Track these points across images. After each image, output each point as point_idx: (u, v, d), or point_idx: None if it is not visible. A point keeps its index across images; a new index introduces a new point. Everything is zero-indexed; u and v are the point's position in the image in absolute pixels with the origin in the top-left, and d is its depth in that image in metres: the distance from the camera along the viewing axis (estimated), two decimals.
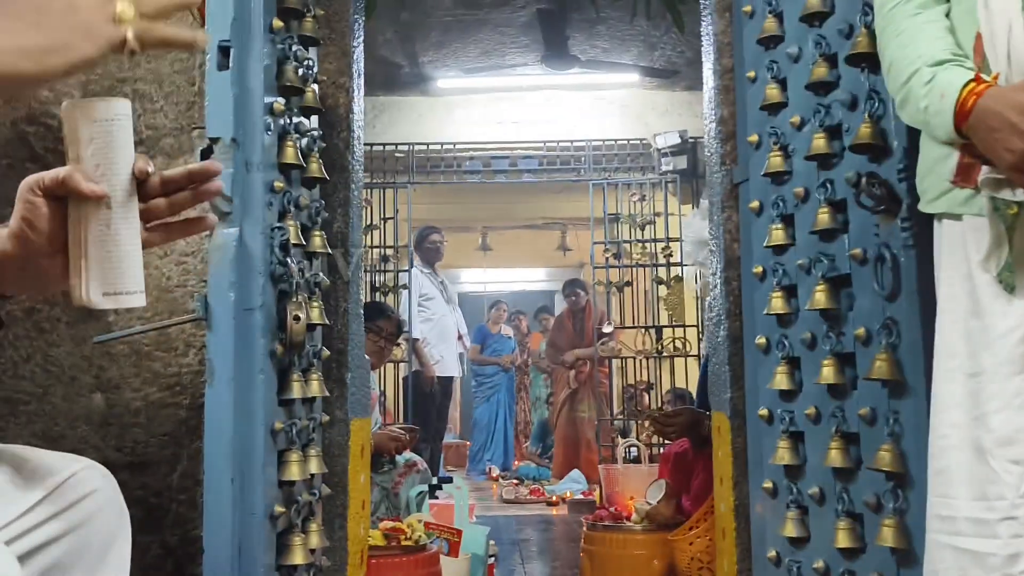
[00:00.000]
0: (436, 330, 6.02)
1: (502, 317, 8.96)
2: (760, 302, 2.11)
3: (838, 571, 1.83)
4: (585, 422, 7.00)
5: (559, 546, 4.55)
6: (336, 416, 2.23)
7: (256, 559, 1.70)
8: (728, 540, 2.28)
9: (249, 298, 1.75)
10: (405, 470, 3.31)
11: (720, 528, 2.36)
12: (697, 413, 3.00)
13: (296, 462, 1.85)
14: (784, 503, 1.99)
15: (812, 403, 1.92)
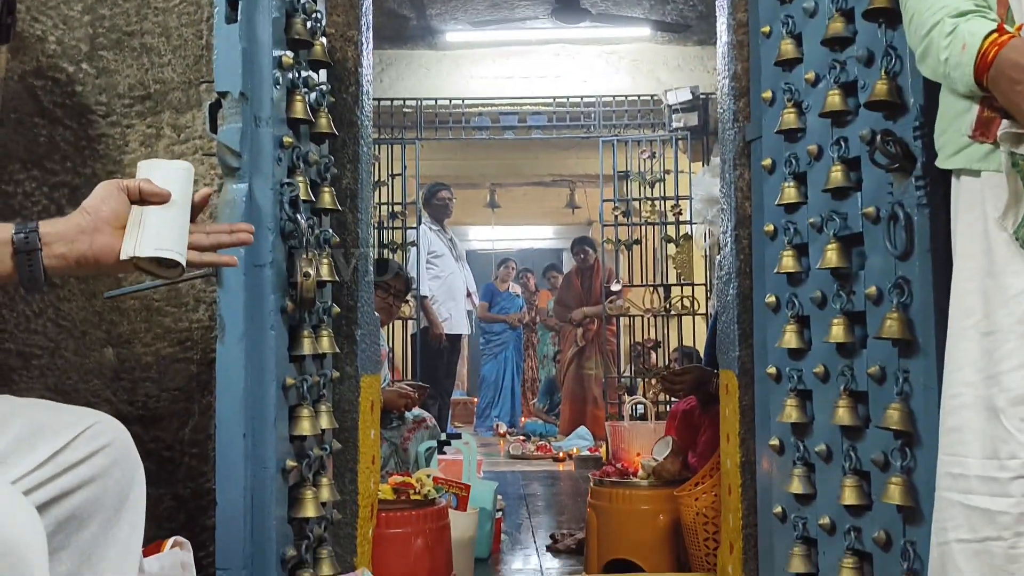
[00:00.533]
0: (445, 287, 6.02)
1: (510, 275, 8.97)
2: (771, 260, 2.10)
3: (844, 528, 1.85)
4: (592, 379, 7.04)
5: (565, 501, 4.61)
6: (346, 372, 2.24)
7: (268, 511, 1.73)
8: (734, 496, 2.30)
9: (259, 254, 1.75)
10: (414, 426, 3.34)
11: (726, 484, 2.39)
12: (704, 371, 3.01)
13: (307, 417, 1.86)
14: (790, 460, 2.00)
15: (821, 361, 1.93)
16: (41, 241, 1.13)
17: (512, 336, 8.70)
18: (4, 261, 1.11)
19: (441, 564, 2.59)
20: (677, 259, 5.50)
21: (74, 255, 1.15)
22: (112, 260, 1.18)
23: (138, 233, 1.18)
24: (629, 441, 3.65)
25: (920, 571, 1.65)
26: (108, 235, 1.17)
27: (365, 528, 2.30)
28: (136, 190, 1.20)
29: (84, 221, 1.16)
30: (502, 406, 8.48)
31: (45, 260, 1.12)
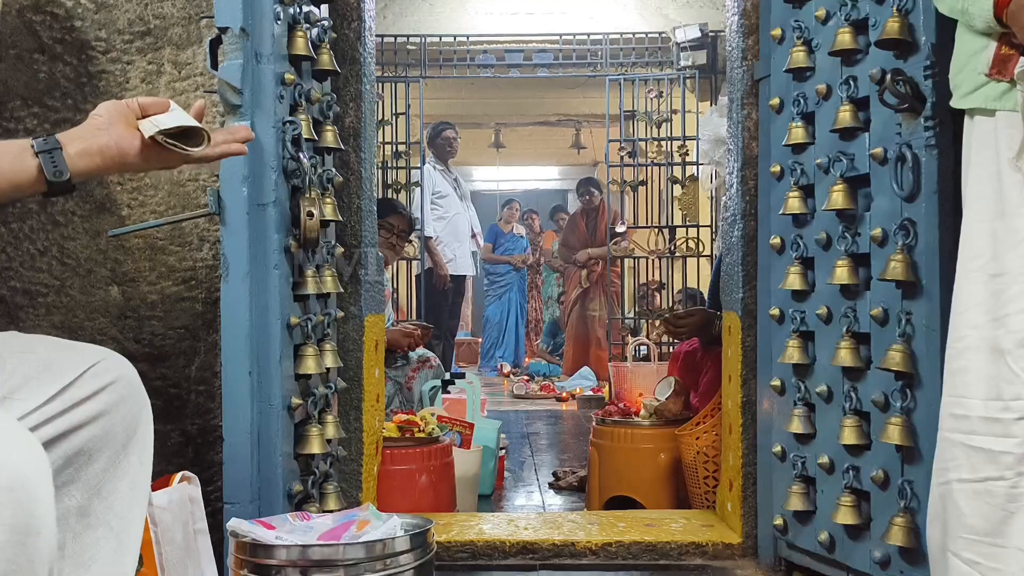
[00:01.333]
0: (449, 228, 6.01)
1: (514, 216, 8.94)
2: (776, 202, 2.09)
3: (842, 467, 1.87)
4: (596, 321, 7.07)
5: (568, 440, 4.67)
6: (350, 312, 2.26)
7: (274, 448, 1.75)
8: (734, 436, 2.33)
9: (262, 193, 1.74)
10: (418, 365, 3.37)
11: (727, 424, 2.41)
12: (708, 314, 3.02)
13: (312, 356, 1.88)
14: (791, 401, 2.02)
15: (824, 303, 1.93)
16: (59, 142, 1.16)
17: (516, 277, 8.72)
18: (28, 167, 1.14)
19: (445, 500, 2.64)
20: (683, 200, 5.47)
21: (97, 146, 1.19)
22: (135, 149, 1.22)
23: (154, 119, 1.24)
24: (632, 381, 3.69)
25: (917, 509, 1.68)
26: (124, 127, 1.22)
27: (370, 465, 2.34)
28: (136, 104, 1.25)
29: (98, 120, 1.21)
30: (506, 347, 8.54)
31: (67, 158, 1.16)
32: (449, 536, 2.30)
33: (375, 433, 2.40)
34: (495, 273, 8.71)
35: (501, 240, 8.74)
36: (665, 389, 3.01)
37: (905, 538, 1.69)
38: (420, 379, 3.33)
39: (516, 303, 8.68)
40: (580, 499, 3.31)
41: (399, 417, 2.67)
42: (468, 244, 6.22)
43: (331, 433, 1.97)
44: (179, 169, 1.98)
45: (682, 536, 2.32)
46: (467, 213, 6.21)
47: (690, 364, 3.16)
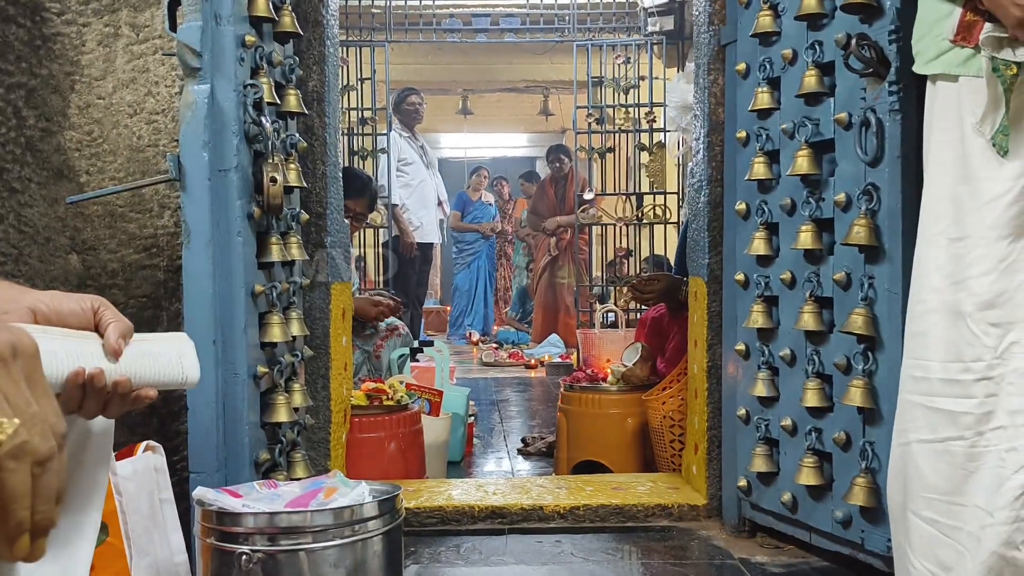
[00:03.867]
0: (416, 196, 5.97)
1: (483, 183, 8.90)
2: (742, 168, 2.10)
3: (805, 429, 1.90)
4: (564, 288, 7.09)
5: (537, 406, 4.70)
6: (317, 280, 2.24)
7: (240, 416, 1.74)
8: (700, 400, 2.36)
9: (223, 159, 1.72)
10: (387, 334, 3.35)
11: (692, 389, 2.44)
12: (674, 279, 3.04)
13: (277, 324, 1.86)
14: (755, 364, 2.05)
15: (788, 268, 1.95)
16: None
17: (485, 246, 8.69)
18: None
19: (414, 467, 2.65)
20: (650, 167, 5.47)
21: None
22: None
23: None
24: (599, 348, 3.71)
25: (878, 470, 1.71)
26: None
27: (338, 433, 2.34)
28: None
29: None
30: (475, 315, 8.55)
31: None
32: (418, 502, 2.31)
33: (343, 401, 2.39)
34: (463, 241, 8.69)
35: (469, 208, 8.70)
36: (632, 355, 3.03)
37: (866, 498, 1.72)
38: (388, 347, 3.32)
39: (485, 271, 8.67)
40: (549, 464, 3.34)
41: (367, 385, 2.67)
42: (435, 211, 6.18)
43: (298, 401, 1.96)
44: (138, 134, 1.94)
45: (648, 499, 2.35)
46: (434, 180, 6.17)
47: (657, 330, 3.18)
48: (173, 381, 1.04)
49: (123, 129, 1.94)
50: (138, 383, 0.99)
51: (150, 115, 1.94)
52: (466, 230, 8.62)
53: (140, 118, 1.94)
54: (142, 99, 1.94)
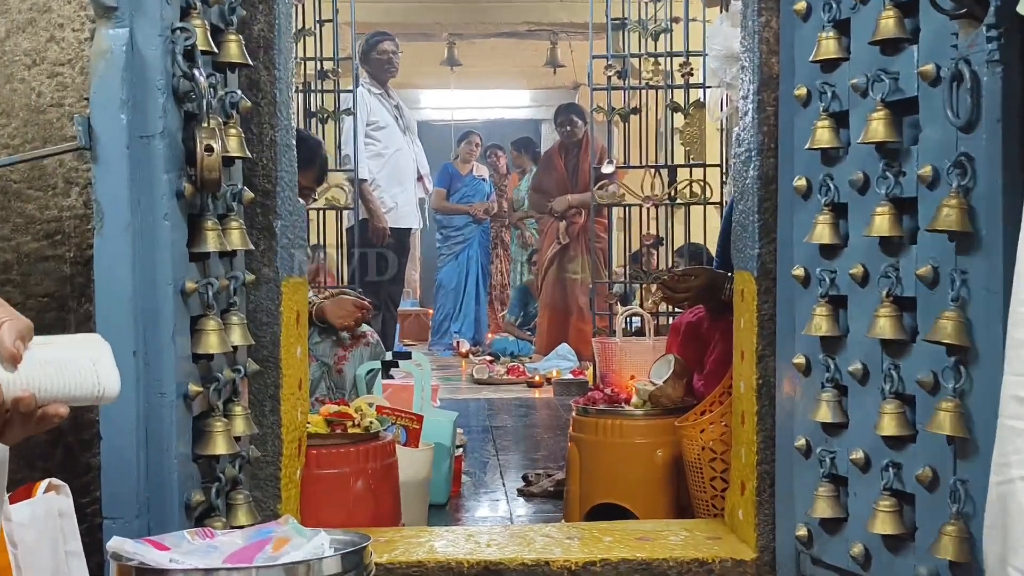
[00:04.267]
0: (389, 168, 5.98)
1: (474, 153, 8.91)
2: (802, 133, 2.10)
3: (880, 463, 1.91)
4: (577, 285, 7.10)
5: (542, 435, 4.71)
6: (263, 275, 2.24)
7: (167, 447, 1.75)
8: (748, 426, 2.36)
9: (146, 122, 1.72)
10: (351, 342, 3.36)
11: (738, 412, 2.44)
12: (716, 274, 3.04)
13: (214, 331, 1.87)
14: (818, 382, 2.05)
15: (859, 260, 1.95)
16: None
17: (476, 232, 8.71)
18: None
19: (387, 511, 2.65)
20: (686, 133, 5.47)
21: None
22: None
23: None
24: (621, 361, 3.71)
25: (972, 514, 1.72)
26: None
27: (291, 468, 2.34)
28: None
29: None
30: (463, 319, 8.56)
31: None
32: (392, 556, 2.31)
33: (297, 428, 2.39)
34: (450, 226, 8.70)
35: (457, 184, 8.71)
36: (663, 370, 3.04)
37: (957, 550, 1.72)
38: (354, 359, 3.33)
39: (477, 263, 8.68)
40: (557, 508, 3.34)
41: (328, 408, 2.67)
42: (413, 189, 6.19)
43: (240, 429, 1.97)
44: (37, 91, 1.95)
45: (683, 552, 2.36)
46: (412, 149, 6.17)
47: (694, 338, 3.19)
48: (86, 395, 1.03)
49: (18, 84, 1.94)
50: (43, 398, 0.98)
51: (53, 67, 1.94)
52: (453, 212, 8.63)
53: (40, 70, 1.94)
54: (42, 46, 1.94)
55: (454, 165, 8.86)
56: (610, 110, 5.56)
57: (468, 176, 8.79)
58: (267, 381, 2.26)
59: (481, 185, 8.83)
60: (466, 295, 8.62)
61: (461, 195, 8.69)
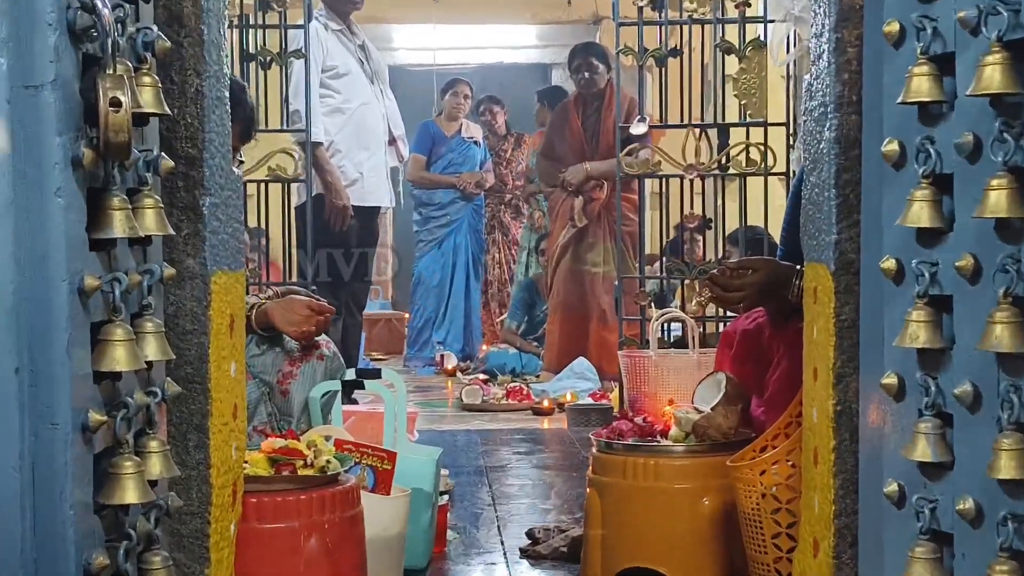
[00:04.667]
0: (351, 128, 5.98)
1: (462, 108, 8.90)
2: (893, 83, 2.09)
3: (997, 516, 1.90)
4: (598, 281, 7.10)
5: (552, 478, 4.70)
6: (187, 268, 2.24)
7: (61, 494, 1.74)
8: (822, 467, 2.36)
9: (32, 68, 1.71)
10: (301, 355, 3.36)
11: (810, 448, 2.44)
12: (780, 267, 3.03)
13: (122, 342, 1.86)
14: (914, 409, 2.04)
15: (968, 249, 1.95)
16: None
17: (466, 211, 8.71)
18: None
19: None
20: (741, 82, 5.47)
21: None
22: None
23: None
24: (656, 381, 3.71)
25: None
26: None
27: (222, 522, 2.34)
28: None
29: None
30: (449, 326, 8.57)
31: None
32: None
33: (231, 469, 2.39)
34: (430, 204, 8.69)
35: (440, 148, 8.70)
36: (711, 392, 3.04)
37: None
38: (303, 378, 3.33)
39: (466, 253, 8.68)
40: (571, 573, 3.34)
41: (271, 442, 2.67)
42: (383, 155, 6.19)
43: (157, 470, 1.96)
44: None
45: None
46: (382, 103, 6.18)
47: (752, 350, 3.19)
48: None
49: None
50: None
51: None
52: (435, 185, 8.62)
53: None
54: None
55: (436, 124, 8.86)
56: (641, 52, 5.56)
57: (455, 138, 8.79)
58: (191, 407, 2.26)
59: (472, 150, 8.82)
60: (452, 294, 8.62)
61: (446, 163, 8.69)
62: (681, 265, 5.58)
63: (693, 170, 5.53)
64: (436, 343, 8.43)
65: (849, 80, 2.29)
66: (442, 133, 8.76)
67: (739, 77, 5.45)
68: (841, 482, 2.31)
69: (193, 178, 2.25)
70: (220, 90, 2.31)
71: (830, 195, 2.32)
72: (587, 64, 7.20)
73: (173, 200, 2.22)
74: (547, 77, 11.32)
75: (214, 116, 2.28)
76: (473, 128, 8.97)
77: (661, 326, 4.80)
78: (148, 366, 1.98)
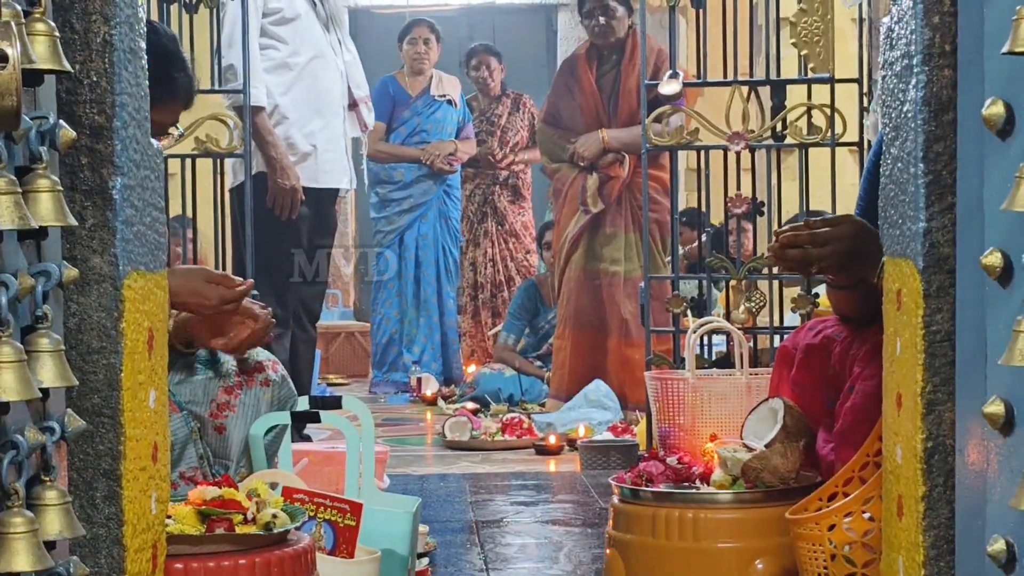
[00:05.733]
0: (301, 89, 5.99)
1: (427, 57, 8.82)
2: (996, 29, 2.10)
3: None
4: (618, 283, 7.10)
5: (561, 536, 4.70)
6: (93, 268, 2.24)
7: None
8: (909, 520, 2.36)
9: None
10: (240, 379, 3.36)
11: (892, 496, 2.44)
12: (868, 232, 2.94)
13: (9, 364, 1.86)
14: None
15: None
16: None
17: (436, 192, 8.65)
18: None
19: None
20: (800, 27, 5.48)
21: None
22: None
23: None
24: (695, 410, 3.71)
25: None
26: None
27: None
28: None
29: None
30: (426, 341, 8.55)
31: None
32: None
33: (151, 527, 2.39)
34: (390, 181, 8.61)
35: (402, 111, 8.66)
36: (766, 425, 3.04)
37: None
38: (244, 409, 3.33)
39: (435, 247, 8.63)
40: None
41: (202, 491, 2.67)
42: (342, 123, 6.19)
43: (55, 528, 1.96)
44: None
45: None
46: (340, 57, 6.19)
47: (818, 371, 3.18)
48: None
49: None
50: None
51: None
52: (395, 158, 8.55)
53: None
54: None
55: (398, 80, 8.81)
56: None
57: (422, 97, 8.75)
58: (99, 448, 2.25)
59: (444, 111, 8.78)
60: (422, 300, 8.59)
61: (411, 129, 8.66)
62: (726, 262, 5.58)
63: (739, 140, 5.54)
64: (411, 363, 8.43)
65: (940, 24, 2.29)
66: (404, 92, 8.73)
67: (798, 21, 5.46)
68: (933, 539, 2.31)
69: (100, 153, 2.24)
70: (134, 39, 2.31)
71: (917, 171, 2.32)
72: (602, 6, 7.18)
73: (75, 182, 2.22)
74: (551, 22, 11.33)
75: (126, 73, 2.27)
76: (447, 82, 8.91)
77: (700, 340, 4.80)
78: (43, 395, 1.98)
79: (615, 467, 5.27)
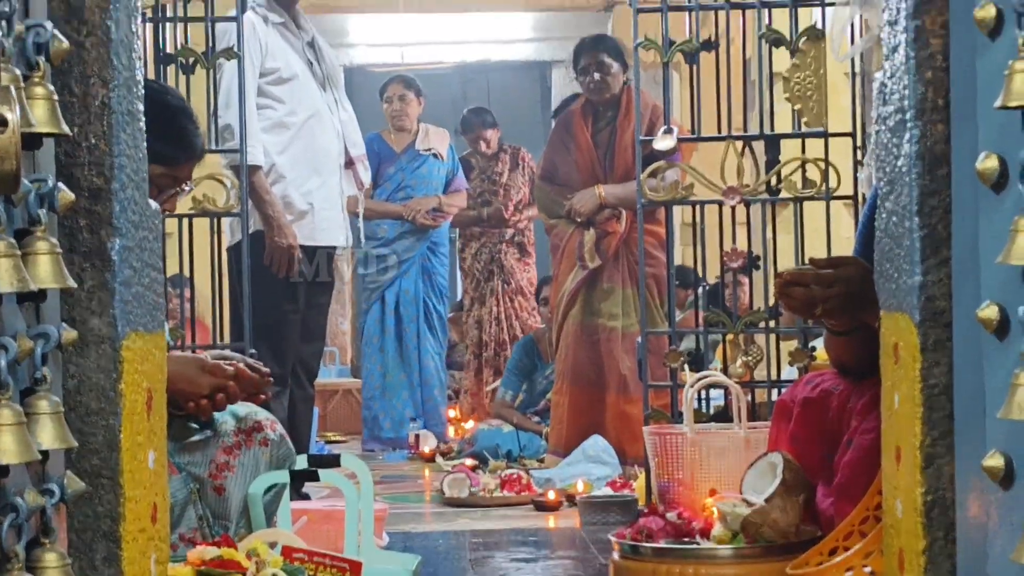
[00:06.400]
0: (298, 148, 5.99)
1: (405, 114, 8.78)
2: (989, 81, 2.11)
3: None
4: (616, 338, 7.09)
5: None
6: (92, 330, 2.24)
7: None
8: (911, 573, 2.35)
9: None
10: (240, 440, 3.35)
11: (893, 551, 2.43)
12: (869, 274, 2.96)
13: (9, 427, 1.86)
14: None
15: None
16: None
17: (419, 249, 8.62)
18: None
19: None
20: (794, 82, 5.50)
21: None
22: None
23: None
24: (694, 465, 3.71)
25: None
26: None
27: None
28: None
29: None
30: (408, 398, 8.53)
31: None
32: None
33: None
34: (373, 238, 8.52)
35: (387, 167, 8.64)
36: (765, 479, 3.03)
37: None
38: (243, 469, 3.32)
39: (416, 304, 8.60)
40: None
41: (201, 552, 2.66)
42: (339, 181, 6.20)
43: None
44: None
45: None
46: (336, 115, 6.19)
47: (816, 425, 3.18)
48: None
49: None
50: None
51: None
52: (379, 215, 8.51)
53: None
54: None
55: (383, 137, 8.79)
56: (667, 45, 5.59)
57: (406, 152, 8.74)
58: (99, 509, 2.25)
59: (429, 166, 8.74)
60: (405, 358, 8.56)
61: (395, 185, 8.64)
62: (722, 316, 5.59)
63: (735, 194, 5.54)
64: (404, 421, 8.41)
65: (933, 79, 2.30)
66: (389, 148, 8.71)
67: (791, 76, 5.48)
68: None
69: (99, 215, 2.25)
70: (132, 102, 2.31)
71: (912, 225, 2.32)
72: (597, 63, 7.19)
73: (74, 244, 2.22)
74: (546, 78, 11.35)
75: (124, 135, 2.28)
76: (434, 135, 8.86)
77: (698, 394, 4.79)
78: (43, 457, 1.98)
79: (614, 522, 5.25)
